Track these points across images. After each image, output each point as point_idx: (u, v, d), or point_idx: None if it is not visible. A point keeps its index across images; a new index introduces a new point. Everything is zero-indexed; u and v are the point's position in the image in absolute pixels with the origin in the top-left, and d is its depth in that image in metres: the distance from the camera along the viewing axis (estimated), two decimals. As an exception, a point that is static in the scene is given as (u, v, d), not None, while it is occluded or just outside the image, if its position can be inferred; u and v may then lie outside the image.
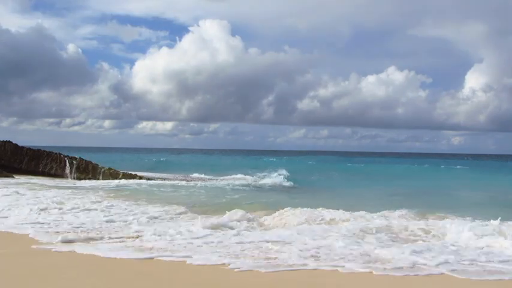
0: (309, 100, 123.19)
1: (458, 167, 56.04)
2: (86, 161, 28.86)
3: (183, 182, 26.46)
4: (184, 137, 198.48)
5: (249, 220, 11.90)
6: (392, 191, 22.86)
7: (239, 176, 32.00)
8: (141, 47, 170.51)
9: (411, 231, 10.85)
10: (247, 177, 31.09)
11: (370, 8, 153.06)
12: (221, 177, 30.95)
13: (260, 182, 28.18)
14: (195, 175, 33.07)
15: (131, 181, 25.76)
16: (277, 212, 13.08)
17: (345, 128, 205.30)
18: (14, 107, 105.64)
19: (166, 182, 26.87)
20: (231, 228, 10.92)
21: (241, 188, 24.05)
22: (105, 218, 12.14)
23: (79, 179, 27.09)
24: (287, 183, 27.23)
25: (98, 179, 27.09)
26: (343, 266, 7.74)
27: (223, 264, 7.75)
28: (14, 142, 29.04)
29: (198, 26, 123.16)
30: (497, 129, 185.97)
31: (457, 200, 19.47)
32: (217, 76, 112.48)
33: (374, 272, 7.48)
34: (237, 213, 12.14)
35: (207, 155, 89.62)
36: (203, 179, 29.83)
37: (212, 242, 9.33)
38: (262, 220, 12.48)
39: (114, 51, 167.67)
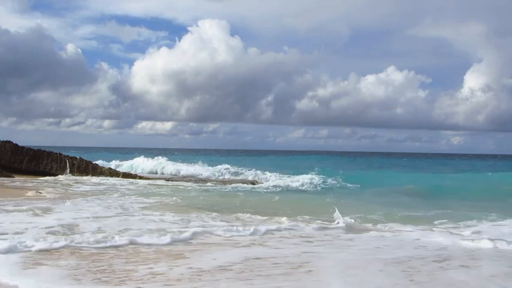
0: (308, 100, 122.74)
1: None
2: (86, 161, 28.93)
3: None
4: (184, 137, 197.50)
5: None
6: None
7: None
8: (140, 47, 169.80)
9: None
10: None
11: (370, 8, 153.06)
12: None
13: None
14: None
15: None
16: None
17: (344, 128, 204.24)
18: (13, 107, 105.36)
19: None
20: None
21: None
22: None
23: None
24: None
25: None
26: None
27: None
28: (13, 142, 29.03)
29: (197, 26, 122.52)
30: (496, 129, 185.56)
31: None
32: (216, 76, 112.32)
33: None
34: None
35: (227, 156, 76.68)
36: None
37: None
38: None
39: (113, 51, 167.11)
